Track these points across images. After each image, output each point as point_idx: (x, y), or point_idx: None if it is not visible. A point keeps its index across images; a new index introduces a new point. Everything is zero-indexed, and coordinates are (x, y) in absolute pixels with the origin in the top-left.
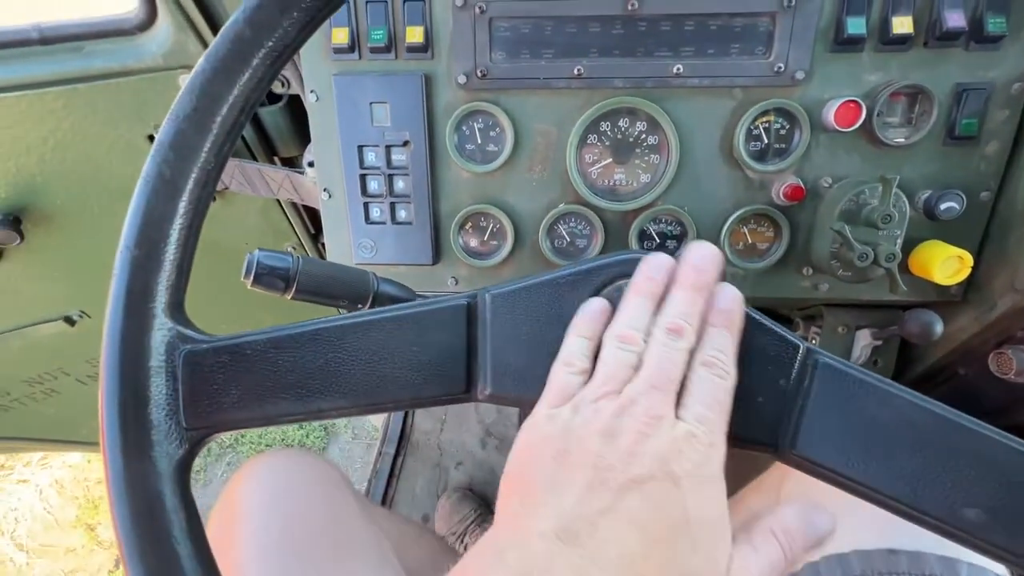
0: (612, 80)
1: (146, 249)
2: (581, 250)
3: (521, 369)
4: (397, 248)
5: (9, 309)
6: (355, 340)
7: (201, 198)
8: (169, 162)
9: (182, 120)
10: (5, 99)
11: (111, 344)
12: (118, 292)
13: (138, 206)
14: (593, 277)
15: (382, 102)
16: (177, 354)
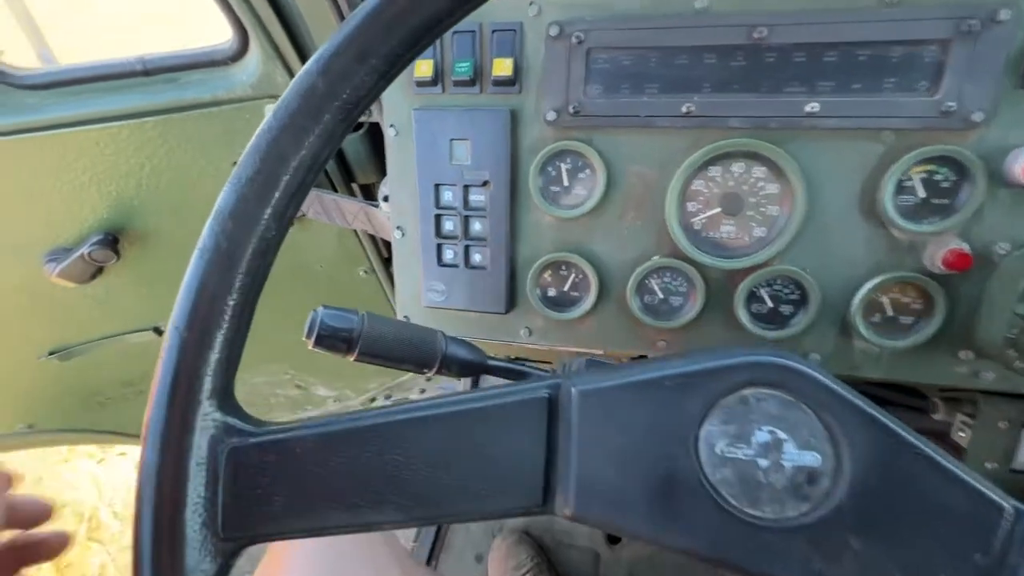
0: (727, 119)
1: (198, 331)
2: (675, 309)
3: (614, 490)
4: (469, 293)
5: (107, 319)
6: (415, 440)
7: (259, 269)
8: (227, 232)
9: (244, 185)
10: (109, 128)
11: (152, 439)
12: (164, 378)
13: (192, 281)
14: (712, 382)
15: (463, 139)
16: (220, 450)
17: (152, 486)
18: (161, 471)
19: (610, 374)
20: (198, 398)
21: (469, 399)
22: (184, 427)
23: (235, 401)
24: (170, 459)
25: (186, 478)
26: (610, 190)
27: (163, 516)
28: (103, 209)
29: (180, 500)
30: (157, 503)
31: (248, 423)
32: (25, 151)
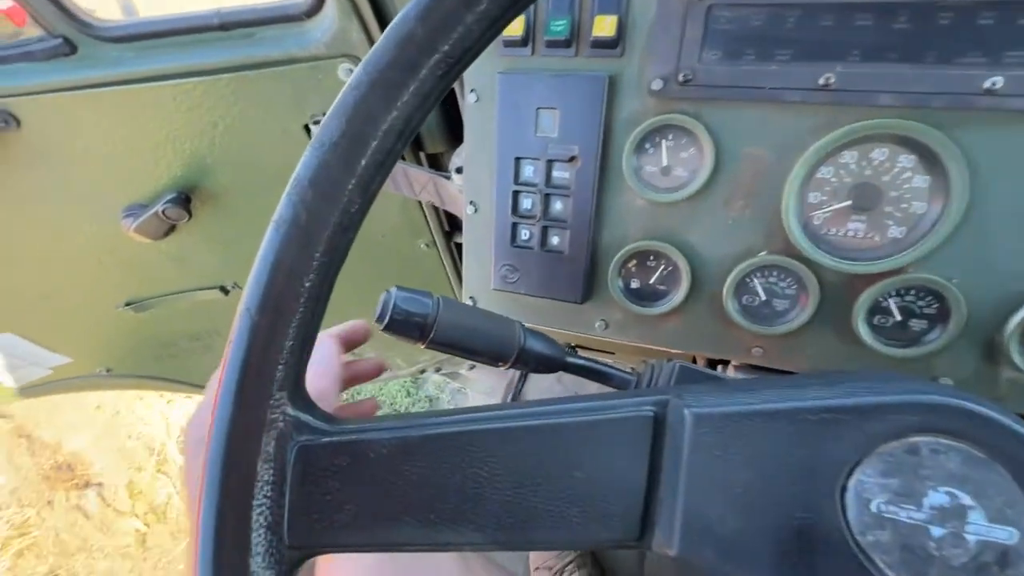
0: (876, 95)
1: (271, 314)
2: (778, 314)
3: (731, 534)
4: (543, 279)
5: (179, 275)
6: (500, 453)
7: (340, 247)
8: (307, 203)
9: (327, 150)
10: (184, 84)
11: (219, 431)
12: (233, 365)
13: (267, 258)
14: (870, 422)
15: (551, 108)
16: (289, 448)
17: (216, 483)
18: (226, 467)
19: (730, 396)
20: (269, 390)
21: (562, 411)
22: (253, 421)
23: (306, 393)
24: (236, 455)
25: (253, 476)
26: (717, 173)
27: (227, 516)
28: (177, 167)
29: (245, 500)
30: (221, 502)
31: (320, 419)
32: (106, 105)
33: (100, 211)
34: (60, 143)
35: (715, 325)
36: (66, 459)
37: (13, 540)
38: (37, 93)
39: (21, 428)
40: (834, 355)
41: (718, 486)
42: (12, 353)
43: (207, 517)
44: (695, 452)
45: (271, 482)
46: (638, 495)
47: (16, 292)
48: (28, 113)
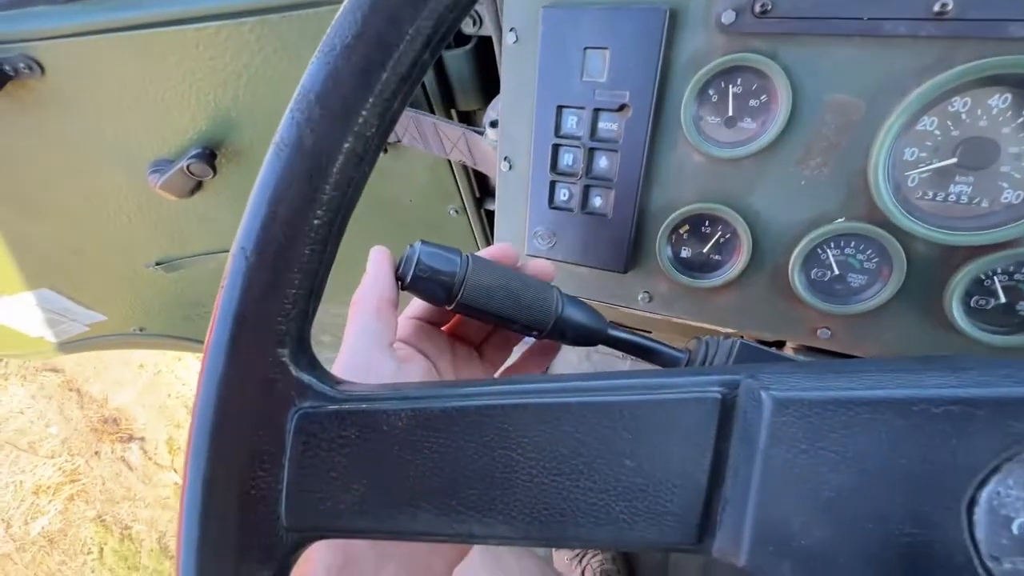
0: (1005, 24)
1: (271, 256)
2: (853, 291)
3: (817, 547)
4: (582, 244)
5: (207, 234)
6: (537, 434)
7: (353, 181)
8: (313, 122)
9: (338, 56)
10: (207, 28)
11: (206, 394)
12: (224, 315)
13: (265, 188)
14: (1012, 420)
15: (600, 47)
16: (290, 415)
17: (204, 455)
18: (215, 436)
19: (821, 378)
20: (266, 346)
21: (612, 388)
22: (247, 381)
23: (311, 353)
24: (227, 421)
25: (246, 446)
26: (793, 124)
27: (215, 492)
28: (202, 120)
29: (236, 473)
30: (209, 476)
31: (326, 383)
32: (129, 50)
33: (127, 165)
34: (84, 90)
35: (776, 302)
36: (112, 413)
37: (64, 486)
38: (59, 37)
39: (71, 382)
40: (916, 341)
41: (802, 487)
42: (50, 308)
43: (192, 492)
44: (774, 444)
45: (267, 453)
46: (699, 491)
47: (50, 246)
48: (52, 59)
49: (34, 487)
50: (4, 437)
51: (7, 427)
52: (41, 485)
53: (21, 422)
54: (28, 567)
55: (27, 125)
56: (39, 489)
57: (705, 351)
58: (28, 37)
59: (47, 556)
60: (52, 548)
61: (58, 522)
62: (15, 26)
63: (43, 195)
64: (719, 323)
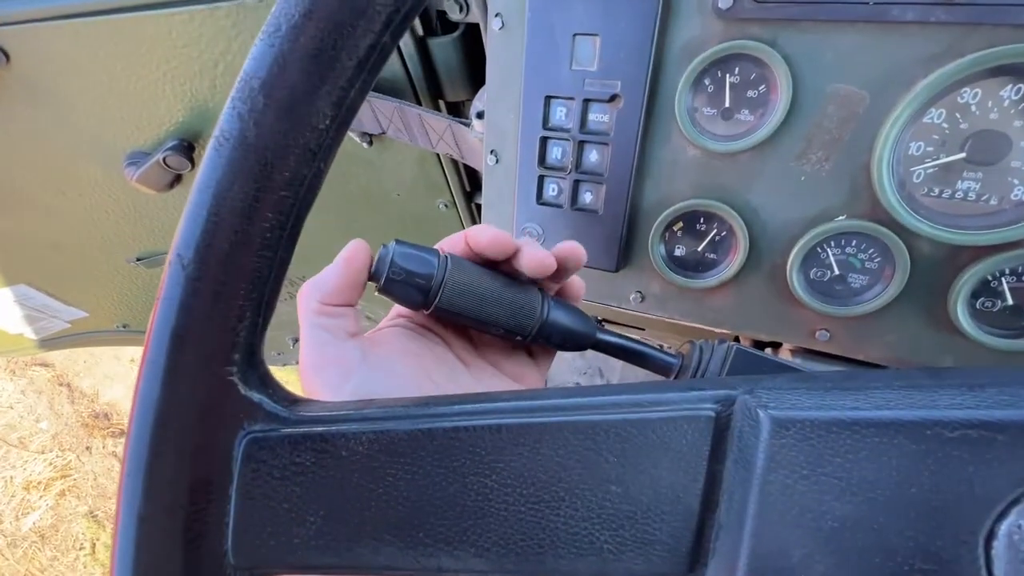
0: (1021, 11)
1: (214, 264)
2: (854, 291)
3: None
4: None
5: None
6: (515, 458)
7: (306, 179)
8: (257, 114)
9: (285, 38)
10: (181, 14)
11: (141, 419)
12: (161, 330)
13: (205, 189)
14: None
15: (591, 34)
16: (237, 440)
17: (138, 486)
18: (151, 465)
19: (823, 395)
20: (210, 363)
21: (595, 406)
22: (187, 404)
23: (264, 369)
24: (163, 449)
25: (187, 475)
26: (793, 116)
27: (150, 530)
28: (178, 111)
29: (174, 508)
30: (144, 511)
31: (279, 403)
32: (99, 36)
33: (102, 157)
34: (53, 78)
35: (773, 302)
36: (103, 408)
37: (55, 481)
38: (25, 22)
39: (62, 377)
40: (919, 344)
41: (803, 516)
42: (29, 305)
43: (126, 529)
44: (772, 468)
45: (212, 483)
46: (690, 517)
47: (26, 241)
48: (17, 46)
49: (24, 483)
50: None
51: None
52: (32, 481)
53: (11, 417)
54: (19, 563)
55: None
56: (30, 485)
57: (699, 357)
58: None
59: (38, 552)
60: (43, 544)
61: (49, 518)
62: None
63: (15, 187)
64: (714, 324)
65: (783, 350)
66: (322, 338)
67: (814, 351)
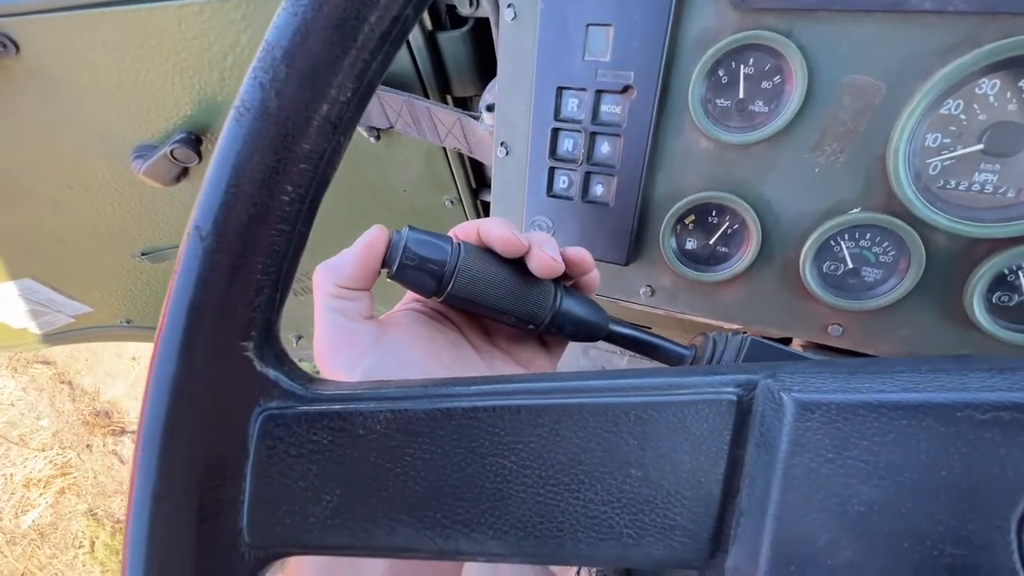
0: None
1: (231, 237)
2: (868, 285)
3: (845, 567)
4: (582, 235)
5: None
6: (534, 440)
7: (327, 153)
8: (279, 84)
9: (309, 7)
10: (190, 6)
11: (156, 394)
12: (177, 303)
13: (225, 160)
14: None
15: (604, 24)
16: (253, 417)
17: (152, 464)
18: (167, 443)
19: (847, 379)
20: (227, 338)
21: (616, 388)
22: (203, 379)
23: (280, 346)
24: (181, 426)
25: (202, 452)
26: (808, 107)
27: (165, 508)
28: (187, 104)
29: (189, 486)
30: (158, 489)
31: (296, 380)
32: (109, 28)
33: (109, 150)
34: (62, 70)
35: (785, 296)
36: (104, 406)
37: (56, 479)
38: (35, 13)
39: (63, 374)
40: (933, 338)
41: (828, 500)
42: (33, 299)
43: (139, 507)
44: (796, 452)
45: (227, 461)
46: (711, 503)
47: (32, 234)
48: (27, 36)
49: (24, 480)
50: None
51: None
52: (32, 478)
53: (12, 414)
54: (19, 560)
55: (2, 107)
56: (30, 482)
57: (712, 348)
58: (1, 13)
59: (38, 549)
60: (43, 541)
61: (49, 515)
62: None
63: (21, 181)
64: (724, 318)
65: (794, 345)
66: (337, 321)
67: (826, 346)
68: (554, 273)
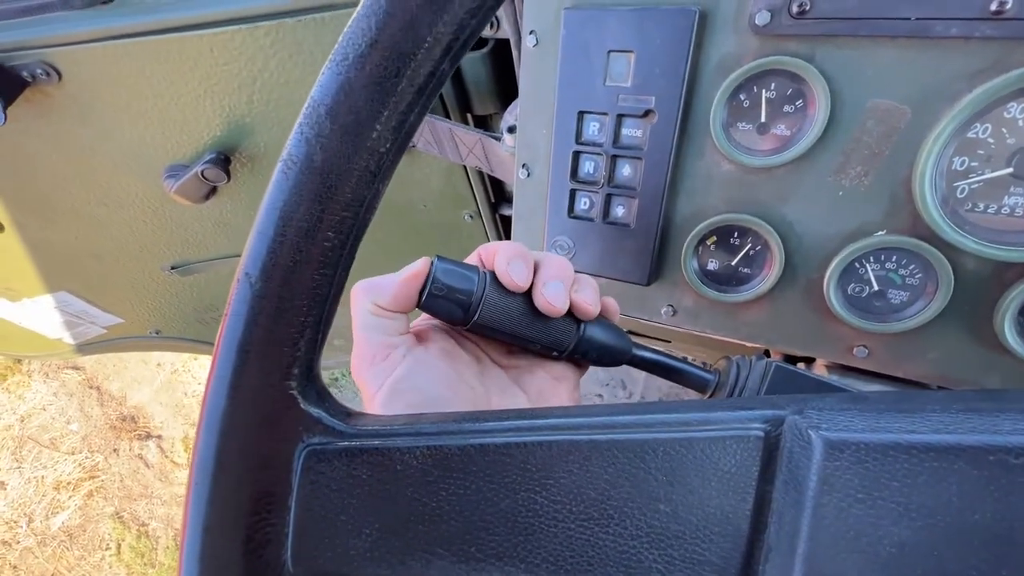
0: None
1: (278, 283)
2: (894, 308)
3: None
4: (603, 255)
5: (222, 239)
6: (565, 475)
7: (366, 200)
8: (324, 138)
9: (352, 67)
10: (222, 33)
11: (208, 430)
12: (228, 345)
13: (272, 210)
14: None
15: (625, 51)
16: (297, 452)
17: (206, 493)
18: (218, 479)
19: (878, 417)
20: (273, 377)
21: (644, 424)
22: (252, 417)
23: (321, 384)
24: (231, 462)
25: (250, 486)
26: (831, 131)
27: (217, 534)
28: (217, 126)
29: (240, 514)
30: (211, 516)
31: (337, 417)
32: (144, 56)
33: (144, 170)
34: (101, 96)
35: (809, 317)
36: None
37: (84, 482)
38: (77, 43)
39: (92, 380)
40: (963, 362)
41: (858, 541)
42: (68, 311)
43: (192, 532)
44: (825, 492)
45: (274, 494)
46: (740, 539)
47: (69, 250)
48: (69, 65)
49: (55, 483)
50: (28, 433)
51: (31, 423)
52: (62, 481)
53: (43, 418)
54: (48, 561)
55: (45, 131)
56: (60, 485)
57: (736, 373)
58: (46, 43)
59: (67, 551)
60: (71, 543)
61: (77, 518)
62: (33, 33)
63: (61, 200)
64: (747, 339)
65: (817, 364)
66: (374, 338)
67: (850, 367)
68: (556, 314)
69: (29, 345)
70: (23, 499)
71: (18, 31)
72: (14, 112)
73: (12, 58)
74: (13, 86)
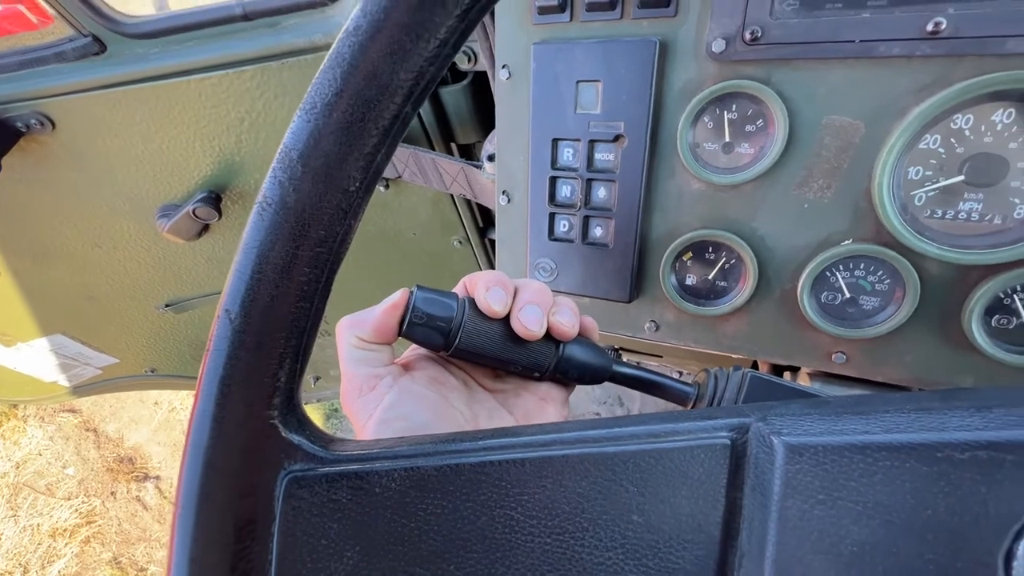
0: (1002, 41)
1: (256, 318)
2: (866, 314)
3: None
4: (584, 275)
5: (215, 276)
6: (539, 490)
7: (339, 236)
8: (296, 181)
9: (320, 114)
10: (210, 78)
11: (192, 459)
12: (210, 379)
13: (249, 250)
14: None
15: (592, 80)
16: (279, 479)
17: (191, 524)
18: (203, 504)
19: (836, 420)
20: (255, 408)
21: (615, 437)
22: (234, 446)
23: (301, 411)
24: (214, 489)
25: (234, 514)
26: (791, 149)
27: (203, 564)
28: (207, 166)
29: (225, 543)
30: (196, 547)
31: (317, 443)
32: (135, 103)
33: (136, 211)
34: (94, 143)
35: (786, 327)
36: (128, 452)
37: (81, 528)
38: (69, 94)
39: (88, 422)
40: (938, 364)
41: (822, 541)
42: (63, 353)
43: (179, 564)
44: (789, 495)
45: (257, 522)
46: (712, 545)
47: (63, 293)
48: (62, 114)
49: (51, 530)
50: (23, 480)
51: (26, 470)
52: (58, 528)
53: (39, 464)
54: None
55: (40, 177)
56: (56, 532)
57: (714, 385)
58: (39, 95)
59: None
60: None
61: (74, 565)
62: (27, 85)
63: (56, 244)
64: (729, 350)
65: (802, 374)
66: (360, 370)
67: (832, 374)
68: (532, 338)
69: (25, 390)
70: (18, 548)
71: (12, 84)
72: (9, 161)
73: (7, 110)
74: (7, 136)
